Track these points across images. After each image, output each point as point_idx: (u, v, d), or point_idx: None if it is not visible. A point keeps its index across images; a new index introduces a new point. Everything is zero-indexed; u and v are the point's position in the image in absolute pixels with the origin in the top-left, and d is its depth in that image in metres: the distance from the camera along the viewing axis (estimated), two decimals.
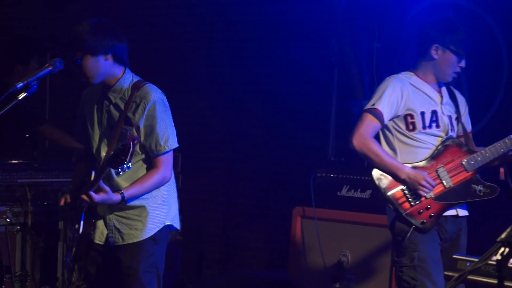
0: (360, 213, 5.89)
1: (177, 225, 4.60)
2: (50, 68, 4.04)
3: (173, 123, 4.30)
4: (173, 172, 4.52)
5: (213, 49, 7.22)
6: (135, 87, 4.32)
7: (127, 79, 4.33)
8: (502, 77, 6.55)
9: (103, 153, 4.37)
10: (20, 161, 6.09)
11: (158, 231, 4.44)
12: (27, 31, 7.99)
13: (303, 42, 7.02)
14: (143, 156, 4.38)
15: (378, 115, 4.88)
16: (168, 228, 4.54)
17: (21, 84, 3.84)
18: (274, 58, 7.16)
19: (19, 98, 3.81)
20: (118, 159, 3.99)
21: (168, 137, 4.35)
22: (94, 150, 4.44)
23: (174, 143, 4.34)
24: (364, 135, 4.91)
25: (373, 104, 4.88)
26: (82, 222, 4.41)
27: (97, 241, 4.41)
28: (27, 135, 6.38)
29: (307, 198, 5.98)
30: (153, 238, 4.43)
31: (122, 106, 4.30)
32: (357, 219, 5.92)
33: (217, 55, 7.12)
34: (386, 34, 6.67)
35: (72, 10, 7.50)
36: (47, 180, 6.06)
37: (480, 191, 4.90)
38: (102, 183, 4.17)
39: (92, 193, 4.10)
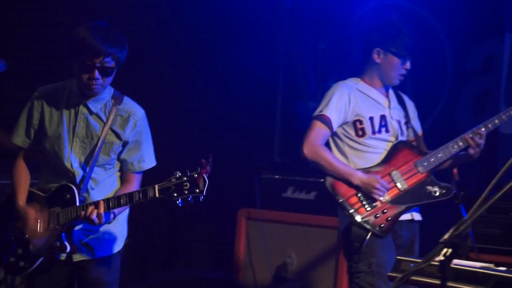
0: (305, 214, 5.86)
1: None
2: None
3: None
4: None
5: (157, 49, 7.16)
6: (116, 99, 4.21)
7: (109, 89, 4.19)
8: (446, 78, 6.59)
9: (76, 164, 4.21)
10: None
11: (122, 247, 4.41)
12: None
13: (249, 43, 6.93)
14: (118, 169, 4.30)
15: (326, 121, 4.86)
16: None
17: None
18: (219, 59, 7.08)
19: None
20: (187, 189, 3.94)
21: (151, 155, 4.31)
22: (61, 159, 4.23)
23: (154, 161, 4.29)
24: (314, 143, 4.88)
25: (321, 111, 4.86)
26: (66, 240, 4.23)
27: (61, 257, 4.26)
28: None
29: (252, 199, 6.01)
30: (120, 252, 4.38)
31: (103, 117, 4.18)
32: (302, 220, 5.90)
33: (161, 55, 7.07)
34: (331, 36, 6.63)
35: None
36: None
37: (435, 192, 4.89)
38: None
39: (103, 214, 4.01)
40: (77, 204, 4.10)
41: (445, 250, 2.74)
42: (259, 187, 6.06)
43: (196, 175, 3.91)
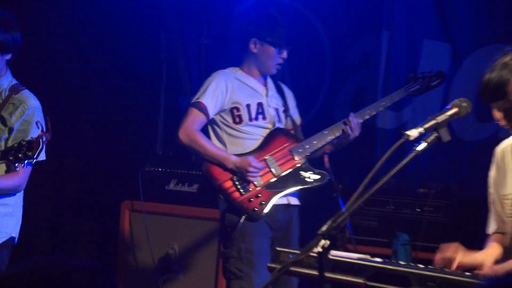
0: (188, 206, 5.85)
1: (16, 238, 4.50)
2: None
3: None
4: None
5: (39, 44, 6.92)
6: (13, 89, 4.21)
7: (7, 80, 4.24)
8: (325, 74, 6.65)
9: None
10: None
11: (3, 242, 4.28)
12: None
13: (132, 38, 6.93)
14: None
15: (202, 108, 4.92)
16: (12, 241, 4.37)
17: None
18: (103, 53, 7.00)
19: None
20: (20, 153, 3.83)
21: None
22: None
23: (43, 155, 4.14)
24: (189, 128, 4.92)
25: (198, 98, 4.93)
26: None
27: None
28: None
29: (135, 192, 5.89)
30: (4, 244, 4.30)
31: None
32: (185, 212, 5.90)
33: (43, 50, 6.91)
34: (214, 31, 6.68)
35: None
36: None
37: (309, 178, 4.96)
38: None
39: None
40: None
41: (323, 241, 2.75)
42: (142, 180, 5.92)
43: (32, 139, 3.90)
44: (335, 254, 3.13)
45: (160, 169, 6.07)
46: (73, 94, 6.99)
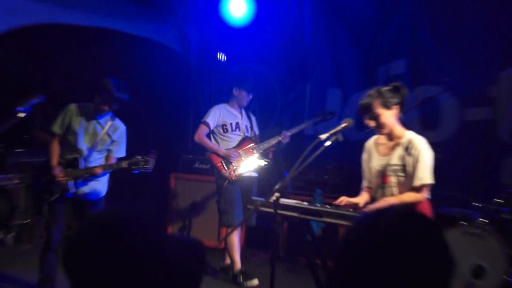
0: (204, 175, 6.94)
1: None
2: (37, 100, 4.62)
3: None
4: None
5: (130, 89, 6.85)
6: (111, 118, 4.81)
7: (109, 114, 4.73)
8: (275, 106, 8.30)
9: (85, 147, 4.89)
10: None
11: (103, 195, 5.05)
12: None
13: (179, 86, 8.03)
14: (105, 155, 5.02)
15: (207, 124, 5.89)
16: (105, 195, 5.10)
17: (21, 108, 4.45)
18: (162, 95, 8.04)
19: (20, 116, 4.39)
20: (141, 166, 4.64)
21: (124, 150, 5.03)
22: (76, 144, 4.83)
23: (124, 154, 4.80)
24: (200, 135, 5.83)
25: (204, 119, 5.90)
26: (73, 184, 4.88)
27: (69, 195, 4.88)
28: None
29: (178, 168, 7.06)
30: (103, 197, 5.10)
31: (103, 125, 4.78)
32: (203, 179, 7.01)
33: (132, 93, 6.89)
34: (217, 82, 8.23)
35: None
36: None
37: (261, 163, 5.92)
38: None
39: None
40: (81, 167, 4.85)
41: (276, 194, 3.55)
42: (182, 162, 7.30)
43: (147, 158, 4.64)
44: (283, 200, 3.81)
45: (190, 156, 7.38)
46: (141, 115, 7.74)
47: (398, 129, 4.06)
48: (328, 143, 3.84)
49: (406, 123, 4.16)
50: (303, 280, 6.28)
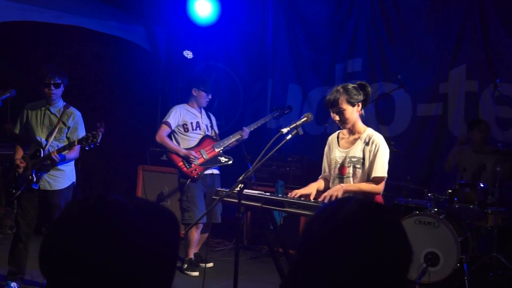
0: (170, 168, 6.50)
1: None
2: (8, 94, 4.81)
3: None
4: None
5: (83, 82, 7.89)
6: (65, 107, 4.94)
7: (61, 102, 4.84)
8: (238, 104, 8.35)
9: (43, 139, 4.94)
10: None
11: (70, 185, 5.13)
12: None
13: (149, 82, 8.18)
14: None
15: (168, 124, 5.88)
16: (73, 184, 5.16)
17: None
18: (130, 91, 8.10)
19: None
20: (91, 140, 4.61)
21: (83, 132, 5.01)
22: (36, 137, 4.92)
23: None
24: (161, 135, 5.82)
25: (165, 118, 5.87)
26: (35, 174, 4.95)
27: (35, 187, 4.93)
28: None
29: (145, 161, 6.94)
30: (68, 188, 5.12)
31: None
32: (169, 171, 6.89)
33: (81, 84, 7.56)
34: (184, 80, 7.95)
35: None
36: None
37: (222, 160, 5.96)
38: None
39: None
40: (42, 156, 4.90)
41: (240, 185, 3.55)
42: (149, 154, 7.07)
43: (95, 132, 4.57)
44: (246, 191, 3.81)
45: (158, 149, 7.07)
46: (111, 111, 8.01)
47: (360, 125, 4.25)
48: (289, 137, 3.93)
49: (363, 118, 4.32)
50: (266, 268, 6.35)
